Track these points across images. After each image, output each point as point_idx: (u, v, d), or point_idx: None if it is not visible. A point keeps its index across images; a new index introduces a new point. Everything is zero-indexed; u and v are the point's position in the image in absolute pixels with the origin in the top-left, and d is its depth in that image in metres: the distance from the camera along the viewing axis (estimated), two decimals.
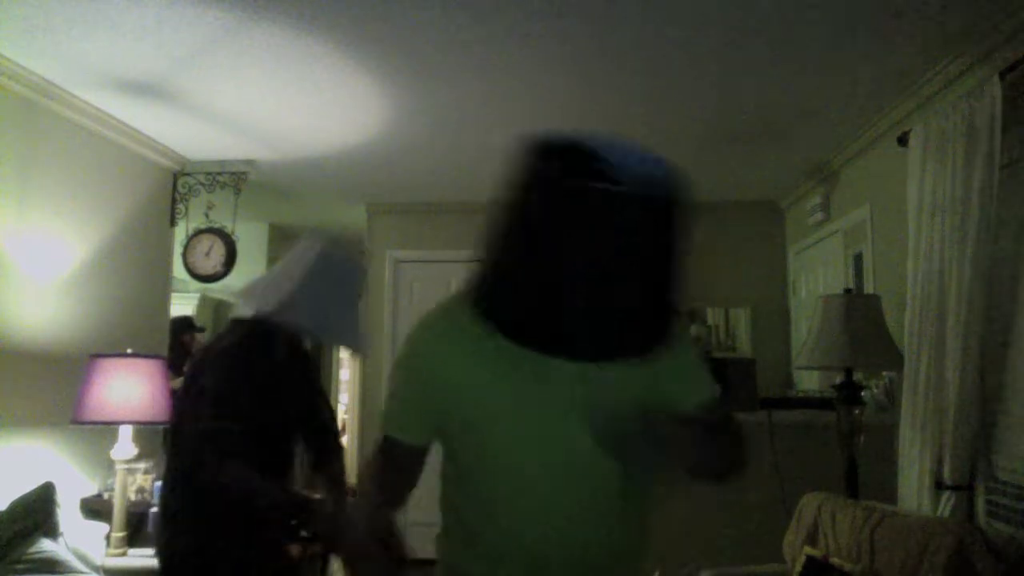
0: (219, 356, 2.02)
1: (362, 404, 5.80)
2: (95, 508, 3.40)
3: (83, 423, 3.06)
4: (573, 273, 1.02)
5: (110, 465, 3.31)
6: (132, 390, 3.07)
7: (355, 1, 2.56)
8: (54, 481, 2.96)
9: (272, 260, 6.42)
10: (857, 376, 3.20)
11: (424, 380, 1.30)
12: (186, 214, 4.45)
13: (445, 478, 1.37)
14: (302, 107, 3.60)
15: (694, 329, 5.21)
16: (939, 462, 2.67)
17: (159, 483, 3.31)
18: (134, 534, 3.26)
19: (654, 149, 1.07)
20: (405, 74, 3.19)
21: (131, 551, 3.13)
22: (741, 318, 5.32)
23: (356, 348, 2.21)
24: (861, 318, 2.97)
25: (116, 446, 3.17)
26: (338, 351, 8.32)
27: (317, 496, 2.09)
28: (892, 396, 3.38)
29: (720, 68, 3.08)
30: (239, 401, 1.91)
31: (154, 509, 3.19)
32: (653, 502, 1.39)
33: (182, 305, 5.47)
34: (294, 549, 2.20)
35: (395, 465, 1.36)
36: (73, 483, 3.38)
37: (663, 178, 1.03)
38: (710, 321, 5.35)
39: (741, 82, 3.23)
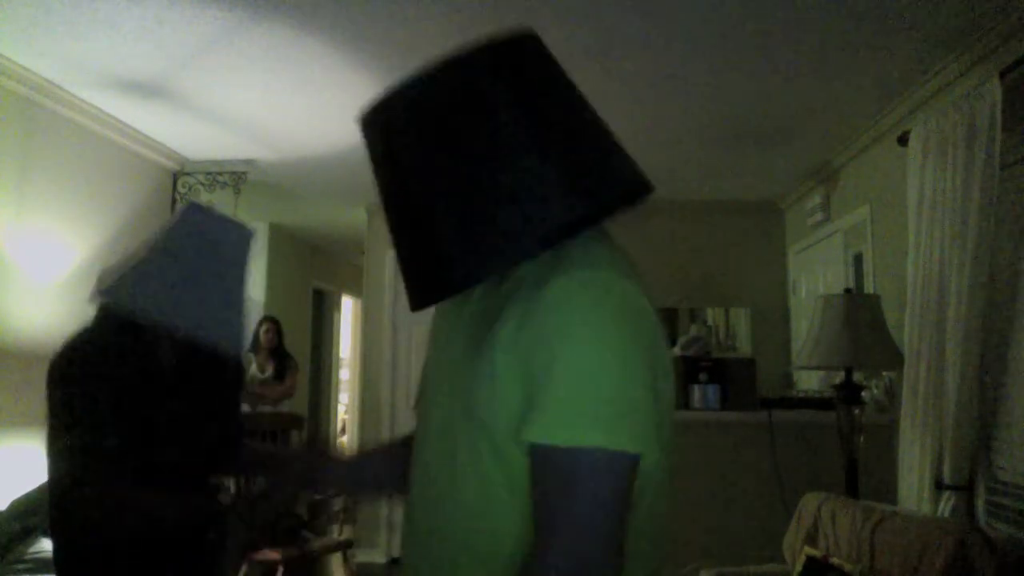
0: (63, 360, 1.65)
1: (362, 404, 5.80)
2: None
3: None
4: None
5: None
6: None
7: (354, 1, 2.56)
8: None
9: (272, 260, 6.42)
10: (857, 376, 3.20)
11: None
12: None
13: None
14: (302, 107, 3.60)
15: (694, 329, 5.21)
16: (939, 462, 2.67)
17: None
18: None
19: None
20: (405, 74, 3.19)
21: None
22: (741, 318, 5.32)
23: (215, 342, 1.61)
24: (861, 318, 2.97)
25: None
26: (334, 349, 8.32)
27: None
28: (892, 396, 3.38)
29: (720, 68, 3.08)
30: (95, 412, 1.59)
31: None
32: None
33: None
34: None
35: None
36: None
37: (377, 99, 0.94)
38: (710, 321, 5.35)
39: (742, 82, 3.23)
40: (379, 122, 0.94)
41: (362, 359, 5.84)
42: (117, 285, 1.57)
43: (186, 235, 1.61)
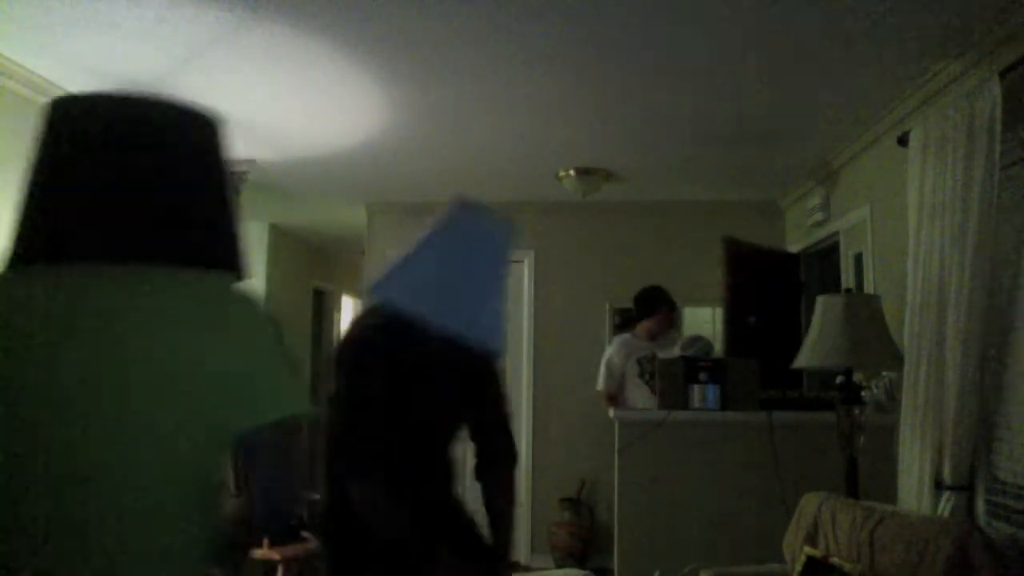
0: (342, 351, 1.77)
1: None
2: None
3: None
4: None
5: None
6: None
7: (355, 1, 2.56)
8: None
9: (272, 260, 6.42)
10: (857, 376, 3.20)
11: None
12: None
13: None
14: (302, 107, 3.60)
15: (694, 329, 5.20)
16: (939, 462, 2.67)
17: None
18: None
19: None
20: (405, 74, 3.19)
21: None
22: None
23: (479, 342, 1.65)
24: (861, 318, 2.96)
25: None
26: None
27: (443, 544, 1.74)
28: (892, 396, 3.38)
29: (720, 68, 3.08)
30: (366, 404, 1.69)
31: None
32: None
33: None
34: None
35: None
36: None
37: None
38: (711, 321, 5.34)
39: (741, 82, 3.23)
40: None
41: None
42: (385, 281, 1.66)
43: (449, 238, 1.67)
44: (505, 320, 1.72)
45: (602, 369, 4.38)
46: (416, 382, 1.75)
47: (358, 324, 1.80)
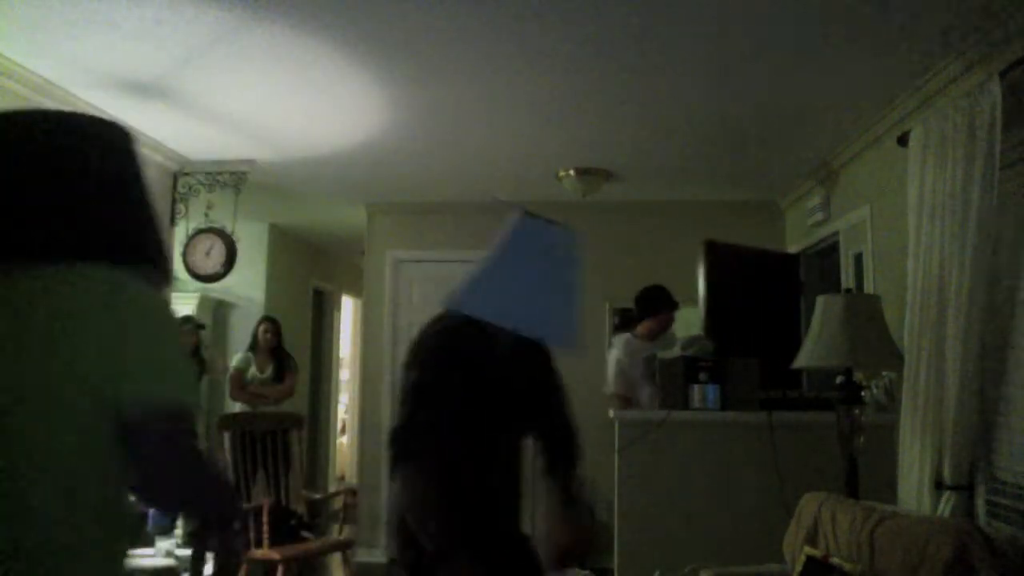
0: (418, 345, 1.89)
1: (362, 404, 5.80)
2: None
3: None
4: None
5: None
6: None
7: (355, 1, 2.56)
8: None
9: (272, 260, 6.42)
10: (857, 376, 3.20)
11: None
12: (186, 214, 4.45)
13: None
14: (302, 107, 3.60)
15: (695, 329, 5.20)
16: (939, 462, 2.67)
17: None
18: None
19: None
20: (405, 74, 3.20)
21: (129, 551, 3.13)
22: None
23: (557, 342, 1.86)
24: (861, 318, 2.96)
25: None
26: (334, 349, 8.33)
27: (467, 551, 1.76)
28: (892, 396, 3.38)
29: (720, 68, 3.08)
30: (430, 401, 1.79)
31: None
32: None
33: (182, 305, 5.47)
34: None
35: None
36: None
37: None
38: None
39: (741, 82, 3.23)
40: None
41: (362, 359, 5.84)
42: (459, 292, 1.75)
43: (518, 246, 1.78)
44: (580, 322, 1.82)
45: (612, 371, 4.37)
46: (485, 384, 1.83)
47: (431, 327, 1.89)
